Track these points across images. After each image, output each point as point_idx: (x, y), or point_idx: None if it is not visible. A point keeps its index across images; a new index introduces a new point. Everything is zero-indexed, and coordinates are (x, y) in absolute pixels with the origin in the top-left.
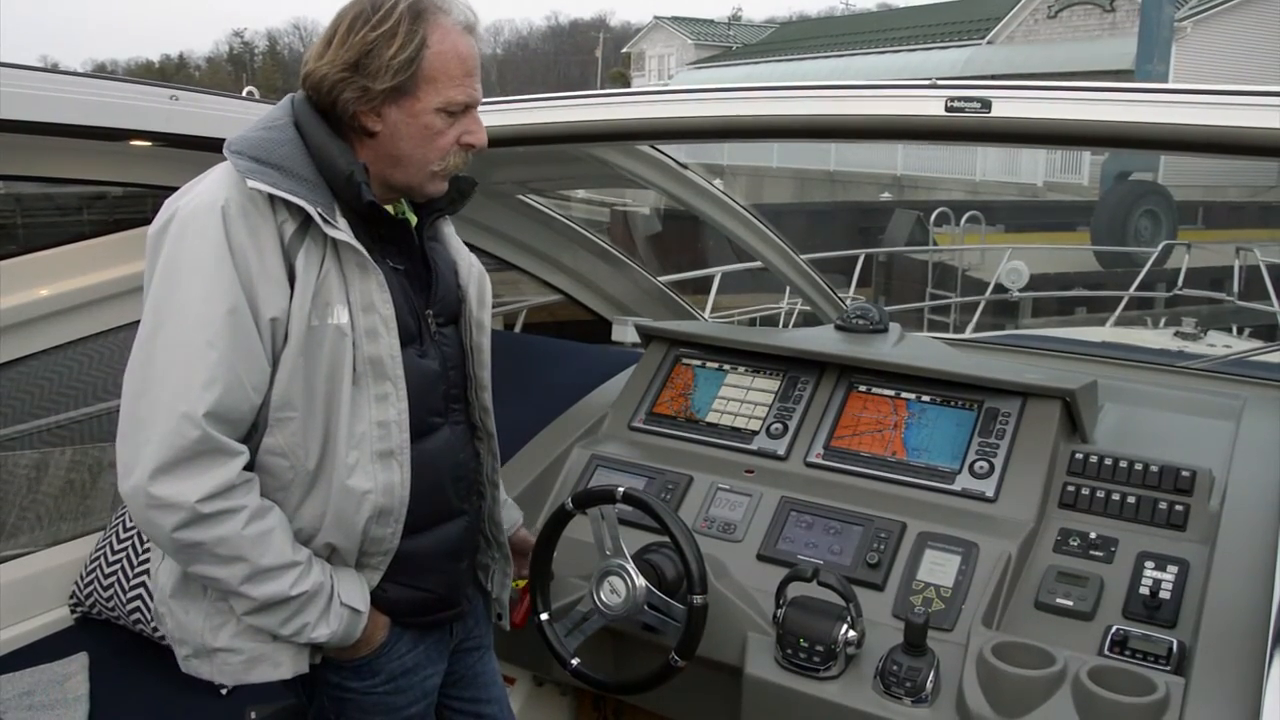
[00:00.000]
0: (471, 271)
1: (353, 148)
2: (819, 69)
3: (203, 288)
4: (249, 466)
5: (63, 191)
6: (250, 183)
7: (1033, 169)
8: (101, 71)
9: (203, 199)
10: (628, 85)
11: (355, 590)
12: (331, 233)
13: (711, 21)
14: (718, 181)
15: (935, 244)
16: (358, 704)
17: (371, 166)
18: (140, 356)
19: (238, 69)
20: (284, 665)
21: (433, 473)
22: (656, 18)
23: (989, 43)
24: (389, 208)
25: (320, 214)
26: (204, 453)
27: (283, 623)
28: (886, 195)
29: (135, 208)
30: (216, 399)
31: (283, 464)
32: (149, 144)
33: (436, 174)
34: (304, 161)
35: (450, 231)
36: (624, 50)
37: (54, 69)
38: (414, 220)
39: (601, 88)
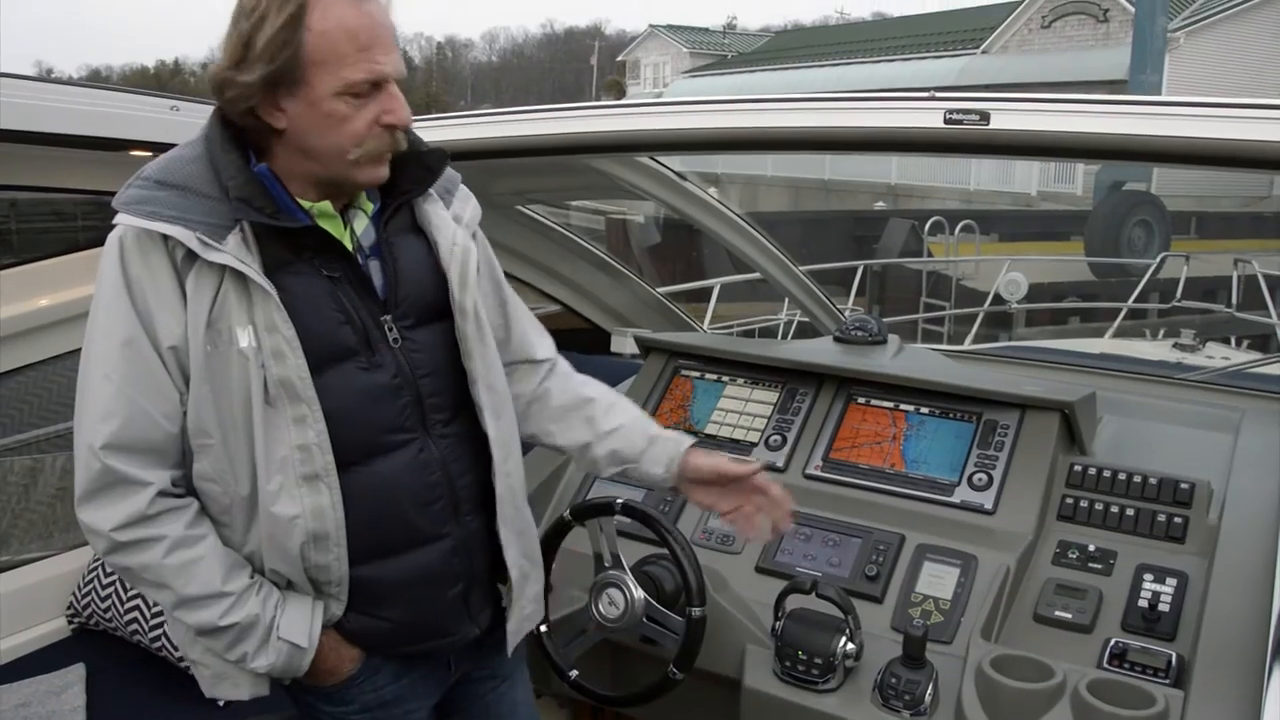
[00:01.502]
0: (454, 252)
1: (267, 150)
2: (814, 78)
3: (103, 322)
4: (189, 493)
5: (59, 198)
6: (117, 217)
7: (1026, 179)
8: (96, 77)
9: (111, 233)
10: (623, 93)
11: (300, 623)
12: (211, 256)
13: (707, 30)
14: (713, 190)
15: (930, 253)
16: None
17: (291, 165)
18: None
19: None
20: (243, 686)
21: (387, 496)
22: (652, 26)
23: (983, 52)
24: (312, 205)
25: (200, 238)
26: (109, 485)
27: (225, 649)
28: (881, 204)
29: None
30: (114, 431)
31: (215, 489)
32: (149, 154)
33: (358, 162)
34: (209, 178)
35: (432, 211)
36: (619, 58)
37: (54, 79)
38: (368, 210)
39: (597, 96)
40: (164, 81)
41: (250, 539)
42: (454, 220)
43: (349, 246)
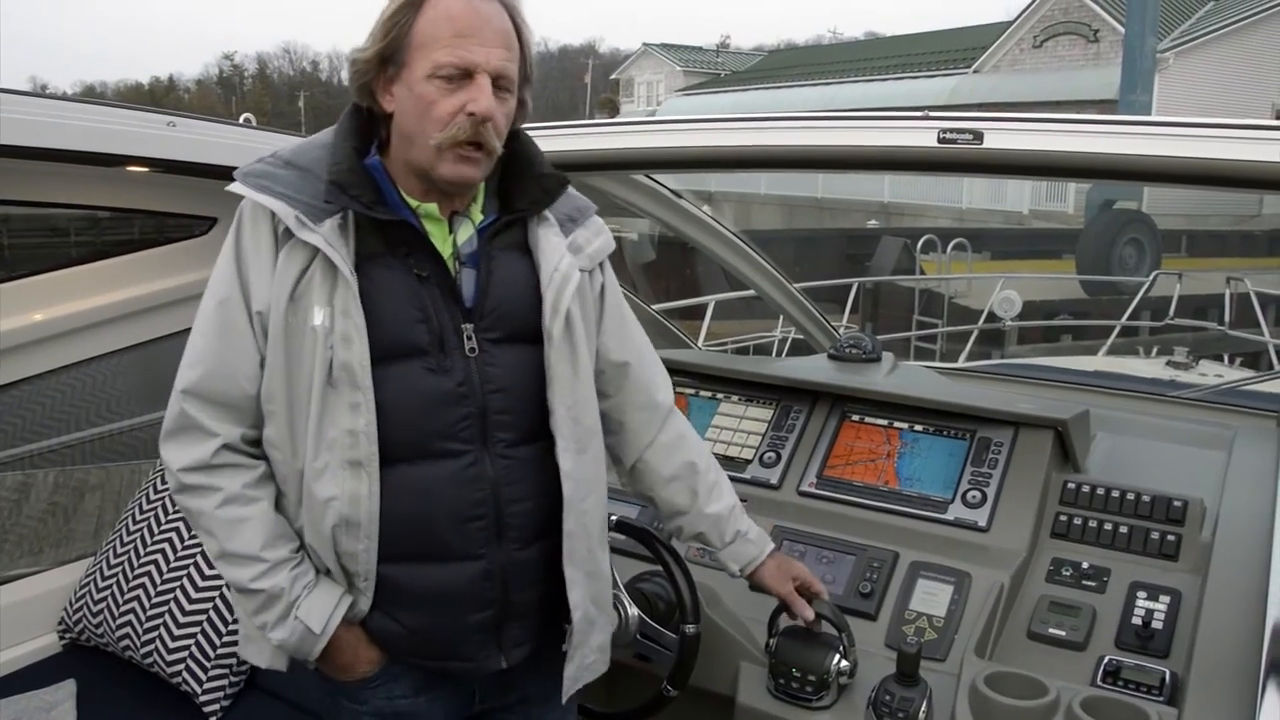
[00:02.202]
0: (553, 278)
1: (386, 140)
2: (807, 97)
3: (213, 281)
4: (262, 457)
5: (54, 213)
6: (229, 186)
7: (1018, 197)
8: (90, 92)
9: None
10: (617, 111)
11: (322, 610)
12: (303, 235)
13: (700, 49)
14: (706, 208)
15: (922, 271)
16: None
17: (397, 154)
18: None
19: (227, 92)
20: (264, 655)
21: (423, 503)
22: (645, 44)
23: (975, 71)
24: (418, 205)
25: (298, 216)
26: (183, 428)
27: (250, 612)
28: (874, 222)
29: (124, 231)
30: (195, 379)
31: (278, 456)
32: (146, 170)
33: (441, 149)
34: (327, 162)
35: (545, 235)
36: (613, 76)
37: (51, 94)
38: (477, 220)
39: (590, 114)
40: (158, 97)
41: (301, 513)
42: (569, 249)
43: (445, 251)
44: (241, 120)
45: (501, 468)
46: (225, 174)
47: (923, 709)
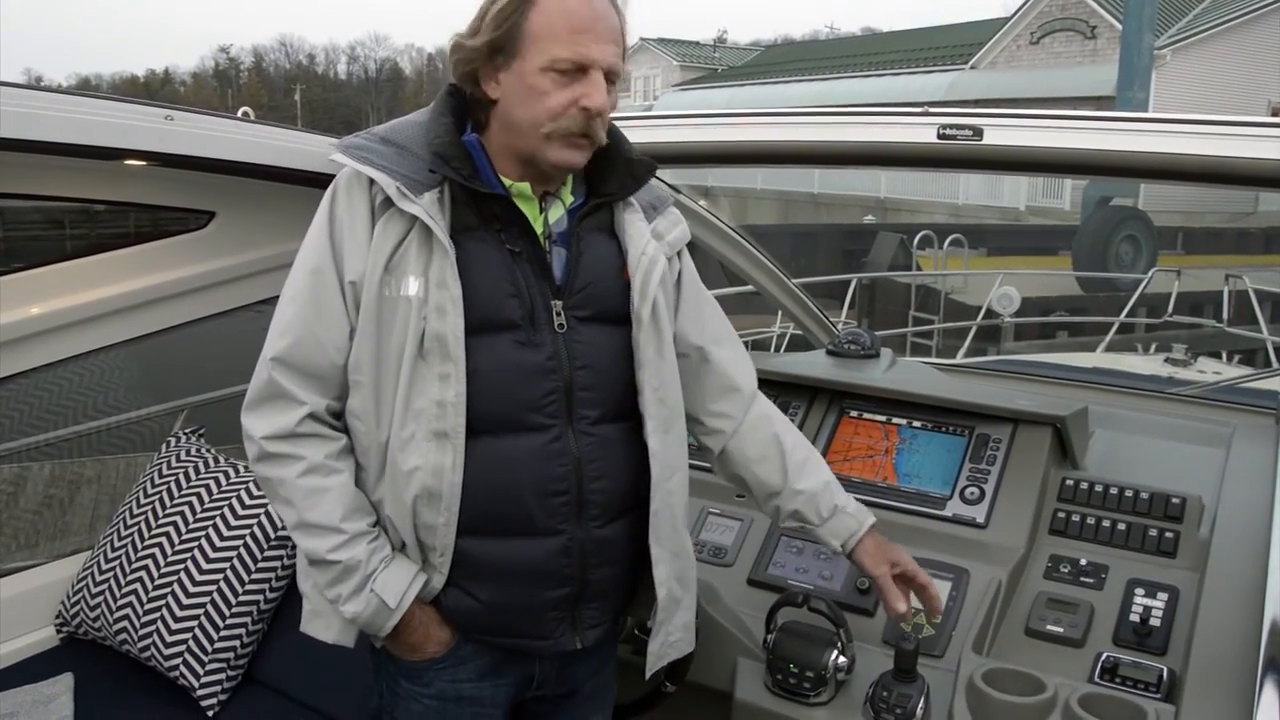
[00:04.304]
0: (640, 261)
1: (484, 122)
2: (803, 92)
3: (304, 250)
4: (344, 430)
5: (48, 206)
6: (332, 155)
7: (1015, 193)
8: (86, 85)
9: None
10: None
11: (398, 584)
12: (406, 206)
13: (697, 43)
14: (703, 203)
15: (919, 268)
16: (406, 706)
17: (499, 138)
18: None
19: (223, 85)
20: (332, 630)
21: (507, 475)
22: (642, 39)
23: (972, 67)
24: (512, 184)
25: (400, 187)
26: (271, 396)
27: (325, 585)
28: (870, 218)
29: (121, 225)
30: (285, 347)
31: (360, 428)
32: (143, 163)
33: (551, 137)
34: (426, 142)
35: (631, 220)
36: None
37: (46, 87)
38: (567, 202)
39: None
40: (154, 90)
41: (380, 487)
42: (653, 235)
43: (537, 228)
44: (240, 114)
45: (585, 444)
46: (224, 168)
47: (920, 705)
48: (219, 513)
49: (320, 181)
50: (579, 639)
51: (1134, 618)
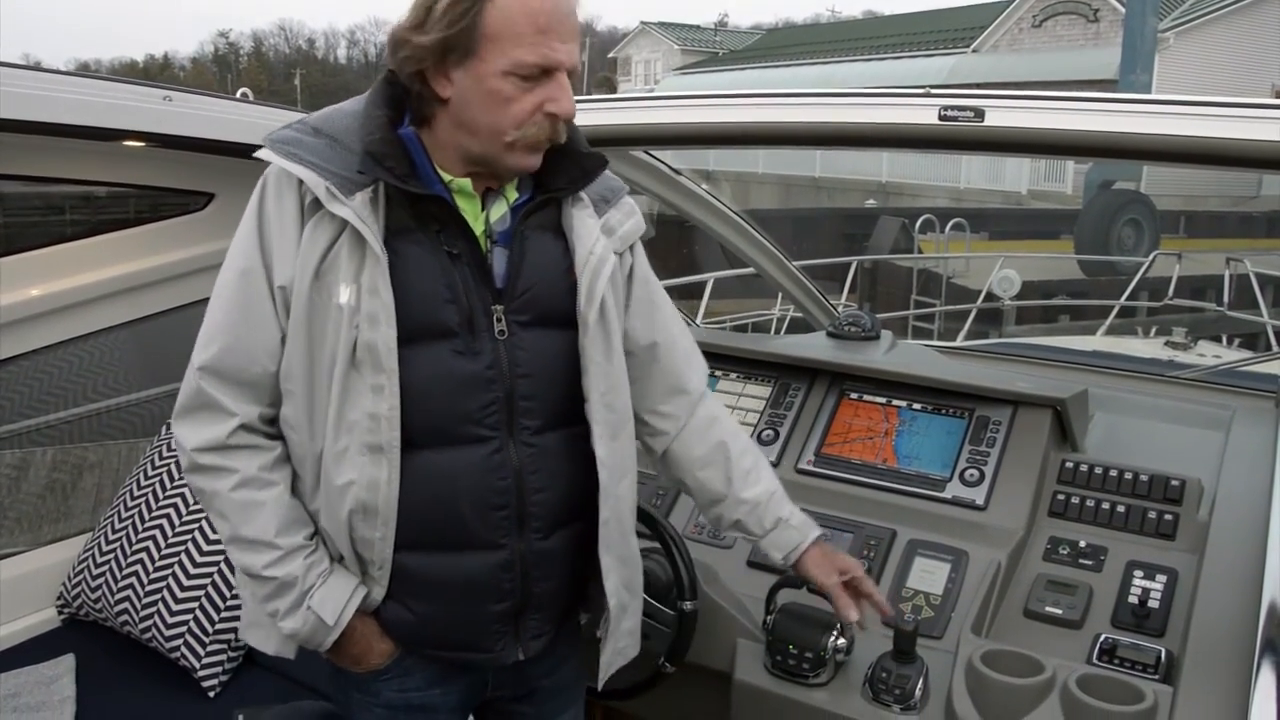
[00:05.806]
0: (588, 261)
1: (429, 119)
2: (805, 75)
3: (234, 250)
4: (279, 438)
5: (47, 190)
6: (257, 153)
7: (1017, 177)
8: (85, 70)
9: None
10: (614, 90)
11: (336, 600)
12: (335, 209)
13: (698, 27)
14: (705, 186)
15: (920, 251)
16: (360, 715)
17: (447, 137)
18: None
19: (222, 70)
20: (271, 642)
21: (445, 490)
22: (643, 23)
23: (974, 51)
24: (452, 180)
25: (329, 188)
26: (199, 406)
27: (261, 599)
28: (872, 202)
29: (121, 207)
30: (213, 356)
31: (295, 438)
32: (142, 144)
33: (513, 145)
34: (360, 134)
35: (579, 216)
36: (610, 55)
37: (45, 68)
38: (511, 199)
39: (588, 92)
40: (153, 75)
41: (316, 497)
42: (602, 230)
43: (478, 229)
44: (239, 95)
45: (525, 455)
46: (222, 149)
47: (919, 686)
48: None
49: None
50: (521, 650)
51: (1133, 599)
